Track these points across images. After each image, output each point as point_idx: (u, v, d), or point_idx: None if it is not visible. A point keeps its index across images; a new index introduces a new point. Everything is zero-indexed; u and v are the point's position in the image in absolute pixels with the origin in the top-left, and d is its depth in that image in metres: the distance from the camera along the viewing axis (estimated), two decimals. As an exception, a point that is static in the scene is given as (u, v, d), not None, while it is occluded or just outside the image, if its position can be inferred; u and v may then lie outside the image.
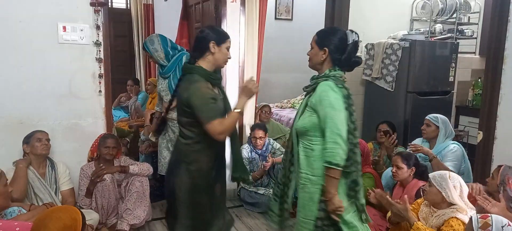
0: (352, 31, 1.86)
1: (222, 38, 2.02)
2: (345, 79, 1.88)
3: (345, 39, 1.85)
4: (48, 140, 2.71)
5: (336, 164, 1.71)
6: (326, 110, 1.73)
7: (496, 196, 2.15)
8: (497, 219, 1.63)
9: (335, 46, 1.83)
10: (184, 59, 3.01)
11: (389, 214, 2.34)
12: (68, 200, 2.75)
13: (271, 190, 3.46)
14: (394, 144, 3.21)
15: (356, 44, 1.85)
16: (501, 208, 2.01)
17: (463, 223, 1.93)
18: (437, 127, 2.99)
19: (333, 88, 1.76)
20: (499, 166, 2.22)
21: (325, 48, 1.85)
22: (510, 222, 1.63)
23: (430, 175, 2.12)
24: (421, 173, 2.59)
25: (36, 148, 2.64)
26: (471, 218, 1.70)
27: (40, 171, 2.69)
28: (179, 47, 3.11)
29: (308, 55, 1.95)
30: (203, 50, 2.00)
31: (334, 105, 1.73)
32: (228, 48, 2.05)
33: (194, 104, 1.89)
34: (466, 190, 2.07)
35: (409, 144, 3.03)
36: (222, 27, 3.43)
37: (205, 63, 2.01)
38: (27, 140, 2.67)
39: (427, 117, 3.08)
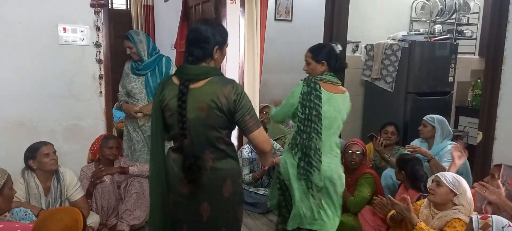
0: (336, 44, 2.37)
1: (226, 39, 1.74)
2: (329, 81, 2.25)
3: (334, 50, 2.31)
4: (55, 152, 2.54)
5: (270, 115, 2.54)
6: None
7: None
8: (497, 219, 1.63)
9: (329, 57, 2.28)
10: (163, 61, 2.95)
11: (390, 213, 2.34)
12: (82, 207, 2.57)
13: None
14: (382, 145, 3.18)
15: (341, 53, 2.35)
16: (499, 194, 2.00)
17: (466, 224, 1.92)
18: (434, 127, 2.99)
19: (298, 84, 2.25)
20: (497, 166, 2.21)
21: (323, 61, 2.27)
22: (510, 223, 1.63)
23: (439, 175, 2.09)
24: (416, 180, 2.54)
25: (45, 164, 2.46)
26: (471, 219, 1.70)
27: (46, 185, 2.53)
28: (157, 50, 3.03)
29: (305, 70, 2.35)
30: (206, 57, 1.67)
31: (290, 93, 2.28)
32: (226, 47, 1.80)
33: (245, 107, 1.65)
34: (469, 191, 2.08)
35: (406, 145, 3.03)
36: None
37: None
38: (33, 155, 2.46)
39: (424, 118, 3.09)
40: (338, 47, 2.32)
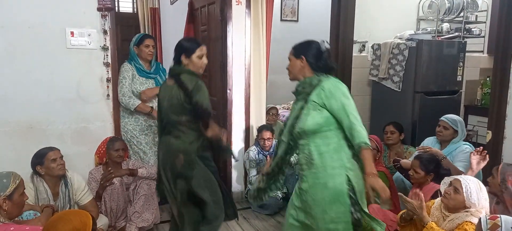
0: (323, 41, 2.03)
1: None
2: None
3: (319, 47, 1.99)
4: (62, 157, 2.54)
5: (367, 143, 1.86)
6: (343, 100, 1.87)
7: (499, 196, 2.11)
8: (506, 219, 1.61)
9: (311, 54, 1.98)
10: (160, 66, 3.36)
11: (400, 213, 2.32)
12: (91, 210, 2.50)
13: (278, 192, 3.45)
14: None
15: (329, 51, 2.02)
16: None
17: None
18: (455, 131, 2.91)
19: (341, 82, 1.94)
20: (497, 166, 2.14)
21: (302, 56, 1.98)
22: None
23: (462, 181, 1.97)
24: (442, 176, 2.50)
25: (53, 170, 2.47)
26: (480, 219, 1.68)
27: (55, 190, 2.53)
28: None
29: (288, 69, 2.08)
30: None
31: (347, 96, 1.90)
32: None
33: None
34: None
35: (417, 147, 2.96)
36: (228, 30, 3.45)
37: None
38: (41, 161, 2.46)
39: (444, 119, 2.95)
40: (325, 45, 2.01)
